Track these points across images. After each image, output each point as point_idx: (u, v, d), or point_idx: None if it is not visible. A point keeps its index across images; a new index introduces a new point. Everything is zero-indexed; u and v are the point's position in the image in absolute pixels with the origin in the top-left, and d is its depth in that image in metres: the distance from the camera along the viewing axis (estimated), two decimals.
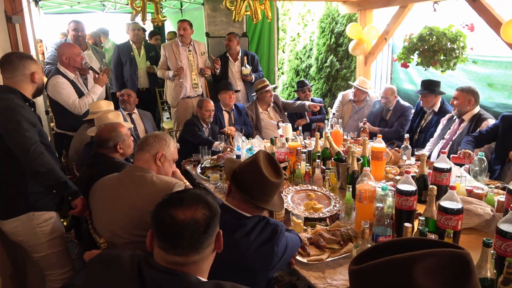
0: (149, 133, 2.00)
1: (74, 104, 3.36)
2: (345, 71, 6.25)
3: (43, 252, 2.25)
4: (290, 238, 1.68)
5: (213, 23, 5.54)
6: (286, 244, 1.62)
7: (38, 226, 2.19)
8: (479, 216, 2.03)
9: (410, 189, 1.90)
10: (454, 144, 3.46)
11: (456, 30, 3.99)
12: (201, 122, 4.08)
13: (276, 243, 1.55)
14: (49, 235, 2.24)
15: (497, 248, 1.52)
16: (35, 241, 2.22)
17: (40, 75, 2.22)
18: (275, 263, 1.56)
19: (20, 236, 2.20)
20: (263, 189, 1.61)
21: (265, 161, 1.66)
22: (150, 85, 5.37)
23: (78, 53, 3.47)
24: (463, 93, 3.42)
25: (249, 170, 1.63)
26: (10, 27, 3.50)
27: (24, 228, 2.17)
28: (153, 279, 1.06)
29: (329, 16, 6.34)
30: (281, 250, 1.58)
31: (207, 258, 1.15)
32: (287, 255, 1.65)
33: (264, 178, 1.60)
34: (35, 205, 2.17)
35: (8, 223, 2.16)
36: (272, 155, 1.76)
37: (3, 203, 2.15)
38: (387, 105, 4.40)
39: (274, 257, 1.54)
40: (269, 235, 1.56)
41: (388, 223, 1.80)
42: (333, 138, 3.09)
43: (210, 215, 1.12)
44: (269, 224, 1.61)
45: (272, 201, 1.68)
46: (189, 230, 1.07)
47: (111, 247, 1.84)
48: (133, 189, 1.85)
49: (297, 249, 1.80)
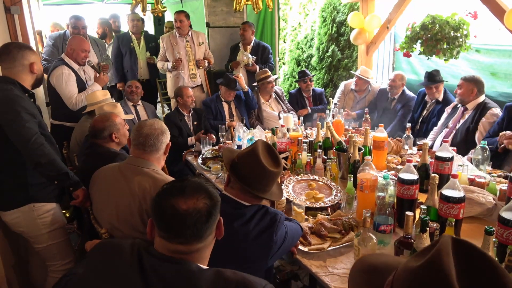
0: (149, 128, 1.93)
1: (71, 100, 3.36)
2: (346, 61, 6.20)
3: (44, 243, 2.27)
4: (290, 227, 1.68)
5: (213, 13, 5.50)
6: (285, 233, 1.62)
7: (39, 217, 2.20)
8: (481, 204, 2.02)
9: (412, 178, 1.90)
10: (458, 132, 3.44)
11: (459, 18, 3.93)
12: (182, 111, 4.04)
13: (275, 231, 1.55)
14: (50, 226, 2.25)
15: (499, 236, 1.51)
16: (36, 232, 2.23)
17: (39, 65, 2.20)
18: (274, 251, 1.56)
19: (21, 227, 2.21)
20: (262, 178, 1.61)
21: (264, 150, 1.66)
22: (150, 76, 5.35)
23: (83, 50, 3.48)
24: (466, 82, 3.38)
25: (247, 159, 1.62)
26: (9, 18, 3.48)
27: (24, 219, 2.18)
28: (153, 267, 1.06)
29: (331, 5, 6.26)
30: (280, 238, 1.58)
31: (208, 245, 1.16)
32: (287, 244, 1.65)
33: (263, 168, 1.59)
34: (35, 196, 2.17)
35: (9, 214, 2.17)
36: (270, 145, 1.75)
37: (3, 194, 2.16)
38: (392, 90, 4.33)
39: (272, 246, 1.54)
40: (267, 224, 1.56)
41: (390, 212, 1.79)
42: (335, 127, 3.08)
43: (211, 204, 1.12)
44: (268, 213, 1.62)
45: (270, 191, 1.68)
46: (192, 220, 1.07)
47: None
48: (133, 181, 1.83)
49: (297, 238, 1.80)
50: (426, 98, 4.07)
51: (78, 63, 3.49)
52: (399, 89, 4.33)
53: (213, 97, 4.44)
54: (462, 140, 3.38)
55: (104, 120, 2.37)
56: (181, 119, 3.99)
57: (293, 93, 4.94)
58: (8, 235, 2.40)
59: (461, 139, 3.39)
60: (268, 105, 4.63)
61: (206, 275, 1.06)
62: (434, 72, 3.90)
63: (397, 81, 4.29)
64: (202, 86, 4.83)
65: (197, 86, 4.75)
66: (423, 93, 4.11)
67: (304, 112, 4.69)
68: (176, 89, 4.11)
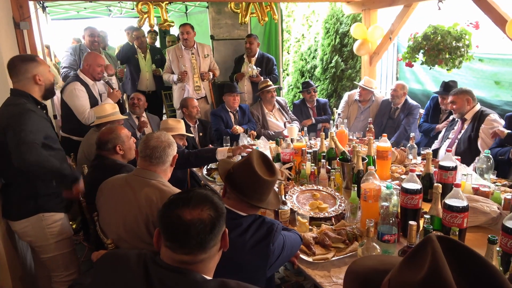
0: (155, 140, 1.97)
1: (84, 115, 3.45)
2: (350, 71, 6.25)
3: (50, 253, 2.30)
4: (288, 237, 1.69)
5: (218, 26, 5.58)
6: (283, 243, 1.62)
7: (47, 227, 2.24)
8: (485, 214, 2.02)
9: (415, 188, 1.90)
10: (460, 142, 3.46)
11: (461, 28, 3.97)
12: (188, 122, 4.10)
13: (272, 241, 1.55)
14: (58, 236, 2.28)
15: (503, 245, 1.51)
16: (44, 242, 2.27)
17: (44, 76, 2.22)
18: (272, 261, 1.56)
19: (29, 236, 2.25)
20: (256, 187, 1.62)
21: (259, 160, 1.68)
22: (156, 87, 5.43)
23: (100, 64, 3.58)
24: (459, 95, 3.43)
25: (242, 169, 1.64)
26: (18, 33, 3.57)
27: (33, 228, 2.22)
28: (159, 277, 1.08)
29: (334, 16, 6.34)
30: (278, 248, 1.58)
31: (213, 257, 1.17)
32: (285, 254, 1.65)
33: (257, 177, 1.61)
34: (44, 206, 2.21)
35: (18, 223, 2.21)
36: (265, 154, 1.77)
37: (14, 204, 2.20)
38: (394, 100, 4.36)
39: (270, 256, 1.54)
40: (264, 234, 1.56)
41: (393, 222, 1.80)
42: (339, 138, 3.10)
43: (216, 215, 1.14)
44: (264, 222, 1.62)
45: (267, 200, 1.69)
46: (196, 230, 1.09)
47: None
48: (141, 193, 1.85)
49: (297, 248, 1.80)
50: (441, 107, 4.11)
51: (94, 78, 3.59)
52: (402, 98, 4.35)
53: (220, 108, 4.50)
54: (466, 149, 3.39)
55: (109, 133, 2.41)
56: (187, 130, 4.03)
57: (297, 104, 4.98)
58: (16, 247, 2.44)
59: (465, 149, 3.40)
60: (272, 115, 4.67)
61: (211, 286, 1.07)
62: (451, 82, 3.94)
63: (398, 91, 4.32)
64: (206, 98, 4.89)
65: (202, 98, 4.80)
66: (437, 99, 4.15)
67: (308, 122, 4.72)
68: (182, 100, 4.19)
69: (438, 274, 0.67)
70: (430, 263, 0.69)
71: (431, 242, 0.72)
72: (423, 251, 0.73)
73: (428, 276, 0.68)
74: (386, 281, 0.76)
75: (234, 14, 5.23)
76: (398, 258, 0.90)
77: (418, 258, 0.73)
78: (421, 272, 0.69)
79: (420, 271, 0.70)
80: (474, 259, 0.70)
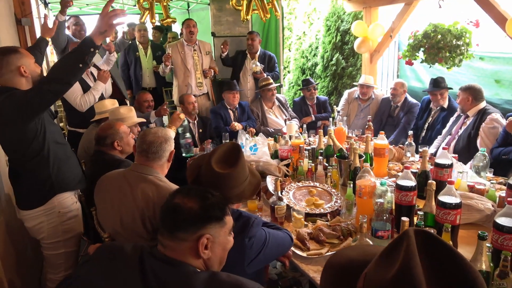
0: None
1: (76, 101, 3.43)
2: (351, 69, 6.25)
3: (56, 250, 2.28)
4: (274, 235, 1.65)
5: (219, 23, 5.59)
6: (265, 239, 1.58)
7: (62, 224, 2.24)
8: (480, 211, 2.03)
9: (410, 185, 1.92)
10: (460, 139, 3.47)
11: (461, 27, 3.97)
12: (188, 118, 4.09)
13: (247, 235, 1.51)
14: (69, 233, 2.28)
15: (494, 241, 1.53)
16: (55, 238, 2.25)
17: (29, 67, 2.09)
18: (249, 257, 1.52)
19: (43, 233, 2.22)
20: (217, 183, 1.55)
21: (223, 153, 1.63)
22: (157, 84, 5.45)
23: None
24: (461, 92, 3.48)
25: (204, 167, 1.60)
26: (20, 29, 3.60)
27: (49, 224, 2.20)
28: (153, 269, 1.11)
29: (335, 14, 6.34)
30: (257, 243, 1.54)
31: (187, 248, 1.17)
32: (269, 251, 1.60)
33: (213, 172, 1.56)
34: (59, 186, 2.18)
35: (34, 219, 2.18)
36: (235, 146, 1.70)
37: (27, 192, 2.16)
38: (395, 98, 4.37)
39: (246, 251, 1.50)
40: (239, 228, 1.50)
41: (387, 218, 1.82)
42: (337, 135, 3.11)
43: (197, 209, 1.17)
44: (241, 217, 1.58)
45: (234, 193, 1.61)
46: (176, 213, 1.16)
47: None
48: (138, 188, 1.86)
49: (285, 247, 1.76)
50: (431, 105, 4.09)
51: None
52: (401, 97, 4.36)
53: (219, 105, 4.52)
54: (464, 147, 3.41)
55: (107, 128, 2.44)
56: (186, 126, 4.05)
57: (297, 101, 4.99)
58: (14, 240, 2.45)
59: (464, 146, 3.41)
60: (271, 112, 4.68)
61: (202, 277, 1.10)
62: (439, 78, 3.93)
63: (398, 89, 4.32)
64: (208, 95, 4.91)
65: (203, 94, 4.82)
66: (428, 100, 4.14)
67: (308, 119, 4.74)
68: (180, 97, 4.23)
69: (409, 273, 0.67)
70: (402, 261, 0.69)
71: (407, 238, 0.72)
72: (398, 246, 0.73)
73: (399, 274, 0.68)
74: (363, 274, 0.77)
75: (235, 11, 5.21)
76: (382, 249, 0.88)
77: (393, 254, 0.73)
78: (393, 269, 0.69)
79: (392, 269, 0.70)
80: (449, 254, 0.70)
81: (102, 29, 1.96)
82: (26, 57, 2.11)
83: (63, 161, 2.22)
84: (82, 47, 1.96)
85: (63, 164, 2.22)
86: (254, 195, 1.79)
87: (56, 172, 2.17)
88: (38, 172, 2.13)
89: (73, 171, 2.31)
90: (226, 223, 1.22)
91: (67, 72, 1.97)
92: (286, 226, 2.15)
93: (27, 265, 2.62)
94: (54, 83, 1.95)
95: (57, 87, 1.96)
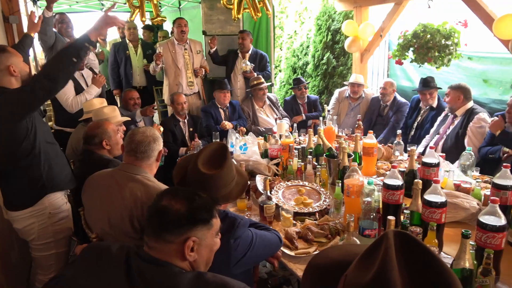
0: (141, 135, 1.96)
1: (67, 102, 3.42)
2: (341, 68, 6.28)
3: (47, 251, 2.27)
4: (261, 235, 1.65)
5: (210, 22, 5.57)
6: (251, 240, 1.58)
7: (53, 225, 2.22)
8: (465, 209, 2.06)
9: (397, 184, 1.94)
10: (448, 138, 3.51)
11: (450, 26, 4.01)
12: (178, 118, 4.13)
13: (233, 236, 1.51)
14: (60, 234, 2.27)
15: (477, 239, 1.55)
16: (45, 240, 2.23)
17: (18, 66, 2.09)
18: (236, 257, 1.51)
19: (33, 234, 2.20)
20: (204, 184, 1.54)
21: (209, 153, 1.62)
22: (147, 83, 5.42)
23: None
24: (452, 90, 3.50)
25: (191, 168, 1.59)
26: (8, 27, 3.54)
27: (39, 225, 2.18)
28: (139, 269, 1.11)
29: (326, 13, 6.36)
30: (243, 244, 1.54)
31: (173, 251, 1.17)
32: (256, 252, 1.60)
33: (200, 173, 1.55)
34: (51, 186, 2.17)
35: (24, 220, 2.16)
36: (222, 146, 1.69)
37: (17, 193, 2.14)
38: (384, 97, 4.41)
39: (231, 251, 1.50)
40: (224, 229, 1.48)
41: (374, 217, 1.83)
42: (326, 134, 3.13)
43: (184, 211, 1.17)
44: (227, 217, 1.58)
45: (221, 194, 1.60)
46: (162, 215, 1.16)
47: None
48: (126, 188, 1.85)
49: (273, 248, 1.76)
50: (420, 105, 4.13)
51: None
52: (391, 96, 4.41)
53: (210, 104, 4.52)
54: (452, 146, 3.44)
55: (95, 127, 2.42)
56: (176, 125, 4.05)
57: (288, 100, 5.01)
58: None
59: (452, 145, 3.45)
60: (262, 111, 4.69)
61: (187, 277, 1.10)
62: (428, 78, 3.97)
63: (388, 88, 4.36)
64: (199, 94, 4.90)
65: (194, 93, 4.81)
66: (418, 99, 4.17)
67: (299, 118, 4.75)
68: (170, 96, 4.22)
69: (385, 277, 0.66)
70: (379, 264, 0.69)
71: (386, 240, 0.72)
72: (377, 249, 0.72)
73: (375, 278, 0.68)
74: (344, 276, 0.76)
75: (226, 10, 5.20)
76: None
77: (371, 256, 0.73)
78: (370, 273, 0.69)
79: (369, 272, 0.69)
80: (427, 258, 0.70)
81: (99, 27, 2.08)
82: (15, 56, 2.12)
83: (53, 160, 2.22)
84: (77, 42, 2.05)
85: (53, 163, 2.21)
86: (241, 196, 1.78)
87: (47, 172, 2.17)
88: (29, 171, 2.12)
89: (63, 171, 2.30)
90: (213, 226, 1.22)
91: (60, 68, 2.00)
92: (275, 225, 2.16)
93: (13, 267, 2.59)
94: (46, 80, 1.97)
95: (50, 85, 1.98)
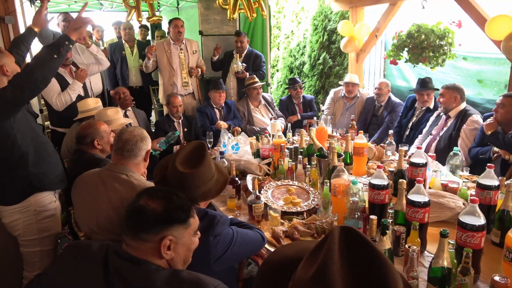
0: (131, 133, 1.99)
1: (52, 100, 3.41)
2: (338, 68, 6.29)
3: (32, 248, 2.30)
4: (243, 233, 1.67)
5: (207, 22, 5.59)
6: (232, 237, 1.59)
7: (38, 222, 2.25)
8: (451, 209, 2.08)
9: (382, 184, 1.96)
10: (441, 140, 3.52)
11: (444, 27, 4.03)
12: (172, 118, 4.16)
13: (212, 233, 1.53)
14: (45, 232, 2.29)
15: (458, 239, 1.57)
16: (30, 236, 2.26)
17: (11, 66, 2.13)
18: (215, 255, 1.53)
19: (18, 230, 2.24)
20: (181, 182, 1.57)
21: (185, 153, 1.64)
22: (143, 83, 5.44)
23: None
24: (448, 90, 3.47)
25: (170, 167, 1.61)
26: (3, 27, 3.58)
27: (24, 222, 2.21)
28: (116, 267, 1.13)
29: (322, 13, 6.37)
30: (222, 242, 1.55)
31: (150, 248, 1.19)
32: (237, 250, 1.61)
33: (177, 172, 1.56)
34: (39, 186, 2.21)
35: (10, 215, 2.20)
36: (201, 144, 1.71)
37: (5, 188, 2.18)
38: (379, 98, 4.43)
39: (210, 248, 1.51)
40: (203, 227, 1.49)
41: (359, 216, 1.86)
42: (318, 134, 3.15)
43: (160, 211, 1.19)
44: (206, 216, 1.59)
45: (199, 193, 1.62)
46: (139, 215, 1.19)
47: None
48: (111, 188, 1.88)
49: (256, 246, 1.78)
50: (416, 105, 4.13)
51: (63, 64, 3.52)
52: (386, 96, 4.42)
53: (205, 104, 4.55)
54: (445, 147, 3.45)
55: (87, 127, 2.45)
56: (170, 125, 4.08)
57: (284, 100, 5.03)
58: None
59: (445, 146, 3.46)
60: (257, 111, 4.71)
61: (163, 275, 1.12)
62: (427, 79, 3.98)
63: (383, 89, 4.38)
64: (194, 94, 4.92)
65: (189, 93, 4.84)
66: (413, 99, 4.17)
67: (294, 118, 4.78)
68: (167, 97, 4.25)
69: (324, 272, 0.67)
70: (322, 259, 0.70)
71: (331, 236, 0.73)
72: (323, 244, 0.73)
73: (316, 273, 0.69)
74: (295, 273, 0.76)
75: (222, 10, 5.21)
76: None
77: (317, 252, 0.74)
78: (313, 268, 0.70)
79: (312, 267, 0.70)
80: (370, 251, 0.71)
81: (77, 26, 2.19)
82: (8, 56, 2.16)
83: (44, 160, 2.24)
84: (58, 40, 2.14)
85: (44, 163, 2.24)
86: (220, 193, 1.79)
87: (35, 171, 2.19)
88: (16, 169, 2.15)
89: (54, 171, 2.32)
90: (191, 225, 1.24)
91: (41, 66, 2.03)
92: (263, 224, 2.18)
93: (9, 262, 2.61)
94: (29, 78, 2.00)
95: (32, 83, 2.01)
